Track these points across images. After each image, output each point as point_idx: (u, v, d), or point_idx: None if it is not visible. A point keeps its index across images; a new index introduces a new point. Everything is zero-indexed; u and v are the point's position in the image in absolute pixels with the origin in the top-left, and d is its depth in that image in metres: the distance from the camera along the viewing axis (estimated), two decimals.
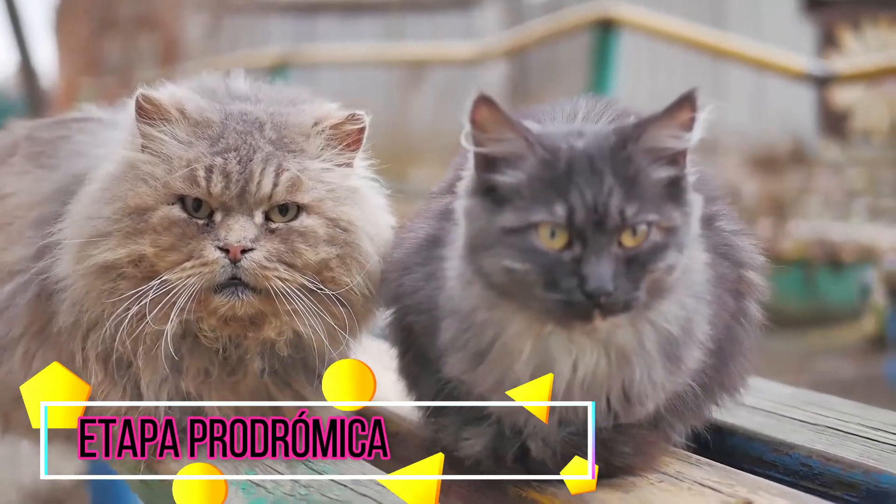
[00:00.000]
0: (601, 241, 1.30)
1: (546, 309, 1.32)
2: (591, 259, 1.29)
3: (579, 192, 1.31)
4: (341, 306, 1.63)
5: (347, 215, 1.64)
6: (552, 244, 1.31)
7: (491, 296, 1.38)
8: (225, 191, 1.56)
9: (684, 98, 1.34)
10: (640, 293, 1.31)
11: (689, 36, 6.69)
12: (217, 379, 1.66)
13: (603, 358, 1.40)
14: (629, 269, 1.31)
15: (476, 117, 1.35)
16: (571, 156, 1.34)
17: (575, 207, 1.30)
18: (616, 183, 1.31)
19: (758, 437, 1.69)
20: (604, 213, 1.30)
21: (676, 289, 1.39)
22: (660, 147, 1.35)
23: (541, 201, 1.32)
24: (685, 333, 1.43)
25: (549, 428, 1.46)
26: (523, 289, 1.33)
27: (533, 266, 1.31)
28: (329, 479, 1.52)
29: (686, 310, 1.42)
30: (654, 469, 1.51)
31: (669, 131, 1.35)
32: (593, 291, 1.28)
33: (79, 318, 1.64)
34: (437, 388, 1.58)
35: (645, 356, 1.41)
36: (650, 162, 1.35)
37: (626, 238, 1.31)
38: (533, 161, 1.35)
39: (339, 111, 1.70)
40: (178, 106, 1.62)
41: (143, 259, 1.57)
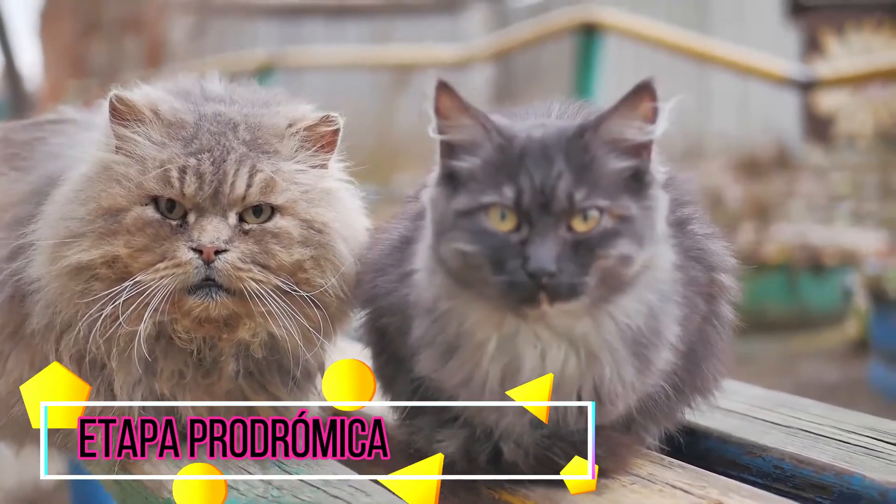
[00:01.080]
0: (547, 223, 1.31)
1: (496, 293, 1.33)
2: (535, 240, 1.31)
3: (528, 175, 1.33)
4: (315, 308, 1.63)
5: (321, 217, 1.64)
6: (502, 226, 1.33)
7: (451, 284, 1.40)
8: (198, 191, 1.56)
9: (640, 87, 1.35)
10: (588, 279, 1.32)
11: (674, 41, 6.70)
12: (191, 381, 1.65)
13: (572, 355, 1.41)
14: (577, 253, 1.31)
15: (439, 105, 1.37)
16: (526, 143, 1.36)
17: (523, 189, 1.32)
18: (567, 168, 1.33)
19: (731, 440, 1.69)
20: (551, 195, 1.31)
21: (637, 284, 1.39)
22: (620, 138, 1.36)
23: (492, 184, 1.34)
24: (652, 333, 1.43)
25: (521, 430, 1.46)
26: (475, 272, 1.34)
27: (482, 248, 1.33)
28: (300, 480, 1.52)
29: (649, 307, 1.43)
30: (625, 471, 1.51)
31: (629, 122, 1.36)
32: (535, 271, 1.29)
33: (52, 320, 1.64)
34: (411, 389, 1.58)
35: (613, 354, 1.41)
36: (608, 152, 1.36)
37: (577, 223, 1.32)
38: (489, 147, 1.37)
39: (314, 113, 1.70)
40: (151, 107, 1.62)
41: (117, 260, 1.57)
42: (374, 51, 11.58)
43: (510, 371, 1.42)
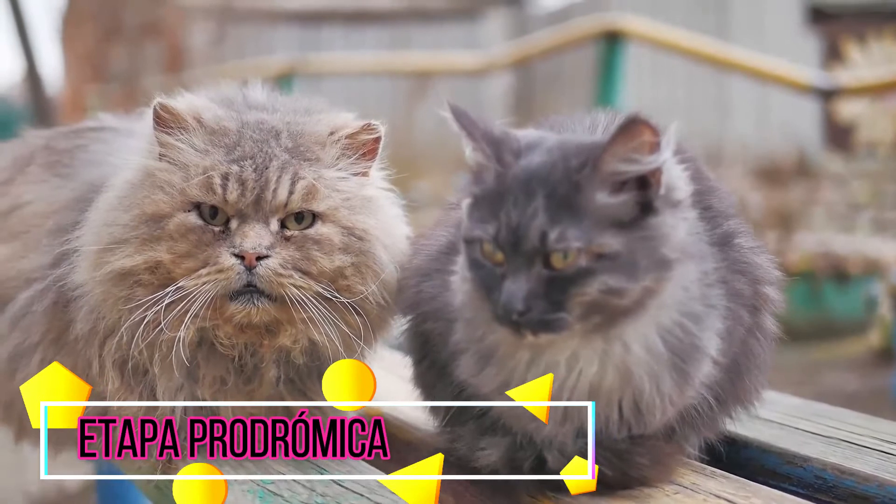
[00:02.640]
0: (519, 262, 1.33)
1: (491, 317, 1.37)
2: (509, 277, 1.33)
3: (507, 212, 1.34)
4: (356, 315, 1.63)
5: (362, 224, 1.64)
6: (494, 258, 1.36)
7: (476, 297, 1.41)
8: (241, 198, 1.57)
9: (629, 122, 1.30)
10: (564, 314, 1.32)
11: (696, 48, 6.70)
12: (233, 387, 1.66)
13: (608, 368, 1.41)
14: (551, 289, 1.32)
15: (459, 127, 1.41)
16: (515, 174, 1.36)
17: (501, 227, 1.34)
18: (545, 206, 1.32)
19: (772, 450, 1.69)
20: (523, 234, 1.32)
21: (649, 308, 1.37)
22: (615, 171, 1.34)
23: (482, 218, 1.37)
24: (690, 349, 1.42)
25: (564, 438, 1.46)
26: (477, 295, 1.39)
27: (475, 276, 1.38)
28: (344, 488, 1.52)
29: (677, 325, 1.41)
30: (669, 480, 1.51)
31: (625, 156, 1.33)
32: (504, 307, 1.32)
33: (96, 325, 1.65)
34: (451, 395, 1.59)
35: (647, 368, 1.41)
36: (603, 188, 1.34)
37: (556, 260, 1.32)
38: (490, 174, 1.39)
39: (355, 121, 1.71)
40: (195, 115, 1.63)
41: (160, 266, 1.58)
42: (394, 57, 11.63)
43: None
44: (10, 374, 1.78)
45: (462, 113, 1.39)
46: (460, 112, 1.39)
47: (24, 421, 1.86)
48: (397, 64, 10.77)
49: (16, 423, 1.91)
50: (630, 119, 1.31)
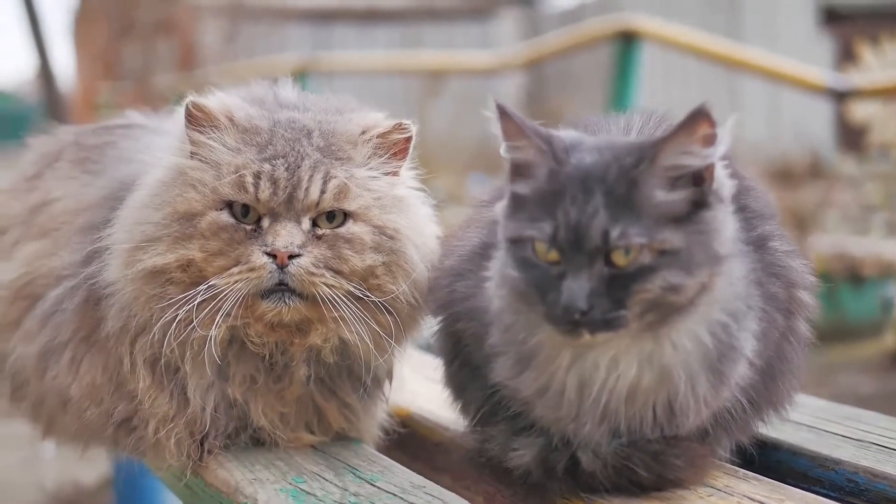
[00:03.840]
0: (580, 261, 1.31)
1: (544, 319, 1.35)
2: (569, 276, 1.32)
3: (565, 210, 1.32)
4: (387, 314, 1.63)
5: (394, 223, 1.64)
6: (547, 257, 1.34)
7: (515, 300, 1.41)
8: (273, 197, 1.57)
9: (696, 113, 1.32)
10: (626, 312, 1.31)
11: (711, 49, 6.68)
12: (263, 386, 1.66)
13: (646, 369, 1.40)
14: (613, 287, 1.31)
15: (503, 126, 1.39)
16: (571, 172, 1.35)
17: (559, 226, 1.32)
18: (605, 203, 1.32)
19: (803, 453, 1.68)
20: (584, 233, 1.31)
21: (700, 306, 1.37)
22: (674, 166, 1.34)
23: (536, 216, 1.35)
24: (727, 349, 1.42)
25: (600, 439, 1.46)
26: (525, 297, 1.37)
27: (527, 277, 1.35)
28: (373, 486, 1.52)
29: (721, 324, 1.41)
30: (703, 483, 1.51)
31: (686, 149, 1.33)
32: (566, 308, 1.30)
33: (127, 323, 1.65)
34: (484, 396, 1.58)
35: (686, 369, 1.41)
36: (664, 182, 1.34)
37: (618, 256, 1.31)
38: (542, 172, 1.38)
39: (386, 120, 1.70)
40: (227, 113, 1.63)
41: (192, 264, 1.58)
42: (407, 56, 11.62)
43: (587, 381, 1.41)
44: (41, 372, 1.78)
45: (511, 111, 1.38)
46: (509, 110, 1.38)
47: (53, 418, 1.86)
48: (410, 63, 10.76)
49: (44, 420, 1.90)
50: (696, 111, 1.31)
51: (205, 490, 1.66)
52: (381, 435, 1.83)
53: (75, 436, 1.85)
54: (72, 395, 1.74)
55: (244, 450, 1.70)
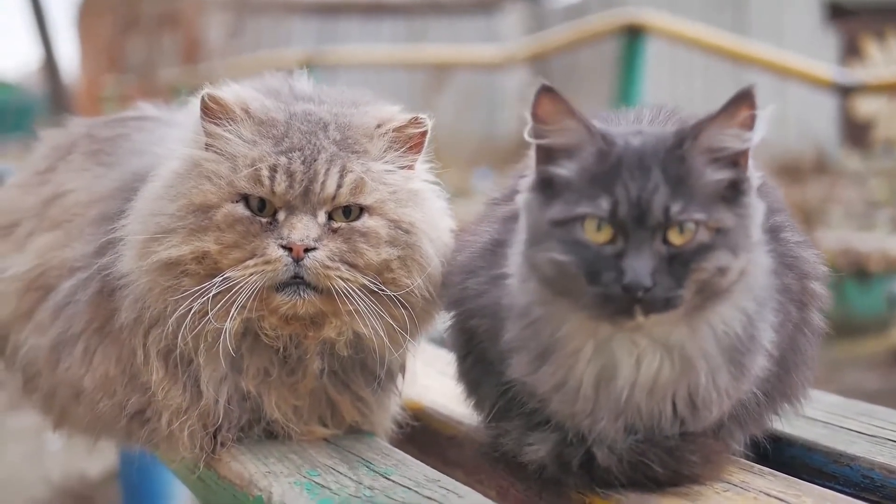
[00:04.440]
0: (642, 237, 1.30)
1: (590, 303, 1.32)
2: (631, 254, 1.30)
3: (624, 186, 1.31)
4: (401, 307, 1.62)
5: (409, 217, 1.64)
6: (597, 238, 1.32)
7: (545, 292, 1.39)
8: (289, 190, 1.56)
9: (741, 96, 1.34)
10: (683, 291, 1.31)
11: (717, 43, 6.67)
12: (276, 378, 1.66)
13: (667, 361, 1.40)
14: (672, 266, 1.31)
15: (538, 109, 1.36)
16: (623, 151, 1.34)
17: (619, 201, 1.31)
18: (663, 180, 1.31)
19: (817, 448, 1.68)
20: (646, 208, 1.30)
21: (735, 292, 1.38)
22: (719, 147, 1.35)
23: (588, 195, 1.33)
24: (749, 339, 1.42)
25: (615, 435, 1.45)
26: (569, 282, 1.34)
27: (576, 259, 1.32)
28: (388, 479, 1.52)
29: (747, 314, 1.42)
30: (719, 478, 1.50)
31: (729, 130, 1.35)
32: (630, 285, 1.28)
33: (141, 315, 1.64)
34: (498, 392, 1.58)
35: (709, 360, 1.40)
36: (707, 162, 1.35)
37: (674, 235, 1.31)
38: (589, 153, 1.36)
39: (402, 114, 1.70)
40: (242, 105, 1.62)
41: (207, 256, 1.57)
42: (413, 50, 11.60)
43: (605, 376, 1.41)
44: (54, 364, 1.78)
45: (559, 92, 1.36)
46: (557, 91, 1.36)
47: (65, 410, 1.86)
48: (416, 57, 10.74)
49: (56, 412, 1.90)
50: (741, 93, 1.32)
51: (218, 482, 1.65)
52: (394, 428, 1.83)
53: (87, 427, 1.85)
54: (85, 387, 1.74)
55: (257, 442, 1.70)
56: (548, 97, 1.36)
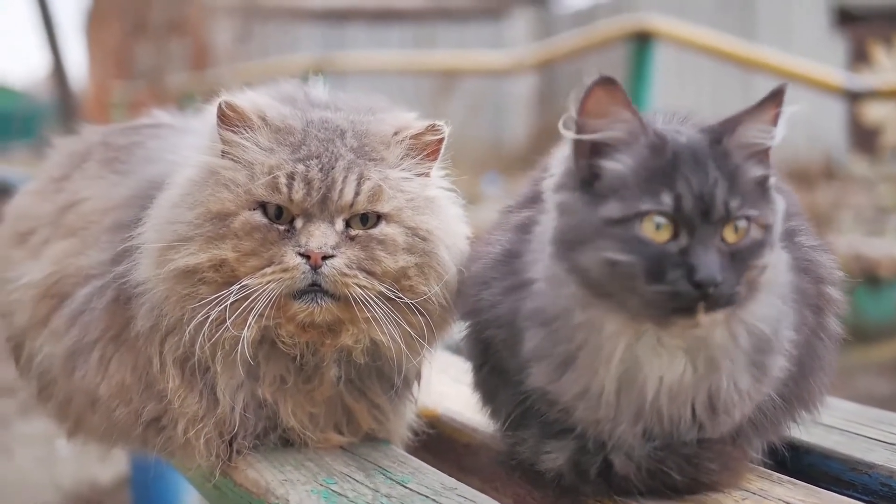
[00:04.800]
0: (708, 232, 1.30)
1: (647, 303, 1.30)
2: (698, 249, 1.29)
3: (686, 181, 1.30)
4: (419, 315, 1.62)
5: (426, 224, 1.63)
6: (657, 235, 1.30)
7: (585, 295, 1.36)
8: (306, 198, 1.56)
9: (775, 93, 1.35)
10: (742, 288, 1.31)
11: (727, 49, 6.66)
12: (293, 386, 1.66)
13: (690, 365, 1.40)
14: (733, 263, 1.31)
15: (589, 102, 1.34)
16: (677, 146, 1.33)
17: (682, 197, 1.30)
18: (720, 175, 1.31)
19: (835, 456, 1.67)
20: (710, 203, 1.30)
21: (765, 288, 1.38)
22: (750, 143, 1.36)
23: (647, 191, 1.31)
24: (773, 338, 1.42)
25: (633, 441, 1.45)
26: (624, 283, 1.31)
27: (637, 257, 1.29)
28: (409, 489, 1.52)
29: (775, 312, 1.42)
30: (737, 486, 1.50)
31: (760, 126, 1.36)
32: (703, 280, 1.27)
33: (157, 323, 1.64)
34: (514, 401, 1.57)
35: (732, 362, 1.40)
36: (744, 158, 1.35)
37: (729, 233, 1.31)
38: (641, 147, 1.34)
39: (419, 121, 1.70)
40: (259, 113, 1.62)
41: (224, 264, 1.57)
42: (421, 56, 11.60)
43: (627, 381, 1.41)
44: (69, 372, 1.78)
45: (616, 83, 1.33)
46: (618, 82, 1.33)
47: (80, 418, 1.86)
48: (424, 63, 10.75)
49: (71, 420, 1.90)
50: (777, 89, 1.35)
51: (234, 490, 1.65)
52: (410, 436, 1.82)
53: (103, 435, 1.85)
54: (100, 395, 1.73)
55: (273, 450, 1.69)
56: (604, 89, 1.33)
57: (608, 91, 1.33)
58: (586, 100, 1.34)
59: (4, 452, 4.60)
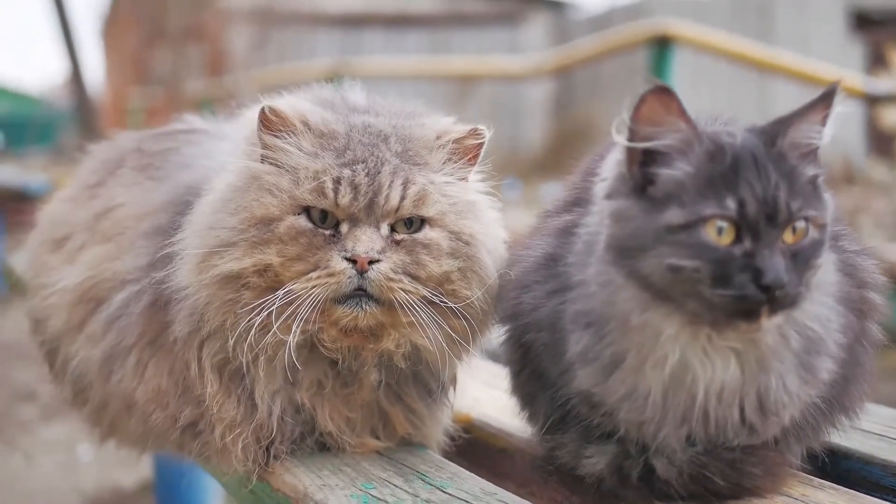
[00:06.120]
0: (772, 235, 1.30)
1: (710, 307, 1.30)
2: (763, 253, 1.29)
3: (748, 185, 1.30)
4: (461, 319, 1.61)
5: (469, 228, 1.63)
6: (721, 240, 1.30)
7: (645, 298, 1.36)
8: (353, 202, 1.56)
9: (828, 93, 1.35)
10: (804, 289, 1.31)
11: (745, 53, 6.66)
12: (330, 391, 1.66)
13: (739, 365, 1.39)
14: (794, 264, 1.31)
15: (643, 110, 1.33)
16: (736, 150, 1.33)
17: (746, 201, 1.29)
18: (779, 177, 1.31)
19: (874, 461, 1.66)
20: (774, 206, 1.30)
21: (818, 288, 1.38)
22: (803, 143, 1.36)
23: (709, 195, 1.31)
24: (821, 339, 1.42)
25: (676, 444, 1.44)
26: (687, 288, 1.31)
27: (702, 262, 1.29)
28: (448, 494, 1.51)
29: (826, 310, 1.42)
30: (780, 491, 1.49)
31: (812, 126, 1.36)
32: (771, 283, 1.27)
33: (196, 328, 1.64)
34: (553, 405, 1.57)
35: (782, 363, 1.40)
36: (798, 158, 1.35)
37: (787, 234, 1.31)
38: (699, 154, 1.34)
39: (461, 125, 1.70)
40: (301, 118, 1.62)
41: (269, 269, 1.56)
42: (438, 61, 11.60)
43: (675, 383, 1.40)
44: (105, 376, 1.78)
45: (671, 91, 1.33)
46: (673, 90, 1.33)
47: (116, 422, 1.86)
48: (441, 68, 10.76)
49: (106, 424, 1.91)
50: (833, 87, 1.34)
51: (271, 495, 1.65)
52: (446, 441, 1.82)
53: (138, 440, 1.85)
54: (137, 399, 1.74)
55: (309, 455, 1.70)
56: (658, 97, 1.33)
57: (662, 100, 1.33)
58: (640, 108, 1.33)
59: (27, 458, 4.61)
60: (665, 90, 1.33)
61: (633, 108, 1.34)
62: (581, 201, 1.56)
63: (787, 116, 1.36)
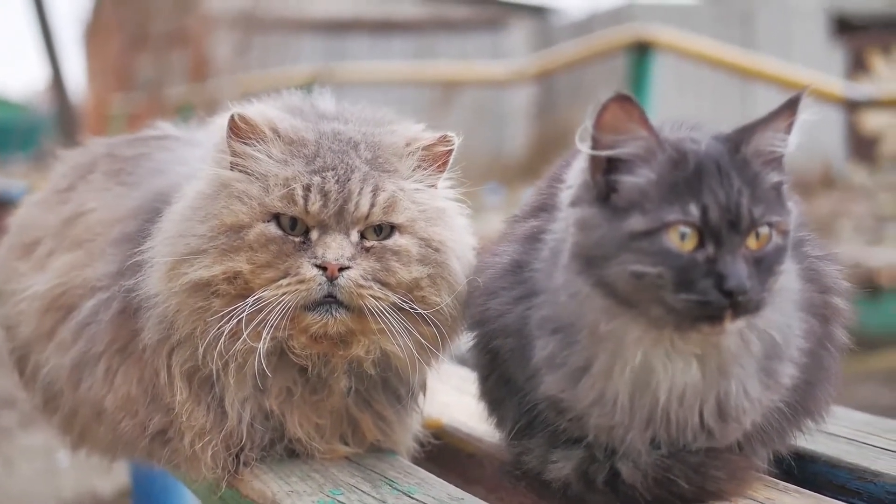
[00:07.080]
0: (735, 241, 1.31)
1: (673, 312, 1.31)
2: (726, 259, 1.30)
3: (711, 191, 1.31)
4: (431, 325, 1.62)
5: (439, 235, 1.64)
6: (684, 245, 1.31)
7: (611, 306, 1.37)
8: (323, 209, 1.56)
9: (792, 101, 1.37)
10: (767, 294, 1.32)
11: (726, 59, 6.68)
12: (299, 397, 1.66)
13: (700, 369, 1.40)
14: (757, 269, 1.32)
15: (605, 118, 1.34)
16: (699, 157, 1.34)
17: (709, 207, 1.31)
18: (742, 184, 1.32)
19: (841, 465, 1.67)
20: (736, 212, 1.31)
21: (778, 295, 1.39)
22: (767, 150, 1.37)
23: (672, 202, 1.32)
24: (784, 344, 1.44)
25: (642, 447, 1.45)
26: (650, 294, 1.32)
27: (665, 268, 1.30)
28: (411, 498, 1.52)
29: (786, 317, 1.43)
30: (744, 495, 1.50)
31: (775, 133, 1.37)
32: (733, 289, 1.28)
33: (166, 335, 1.64)
34: (521, 410, 1.57)
35: (743, 367, 1.41)
36: (762, 165, 1.36)
37: (751, 240, 1.32)
38: (661, 161, 1.35)
39: (430, 132, 1.70)
40: (270, 125, 1.62)
41: (238, 276, 1.56)
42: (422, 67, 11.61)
43: (640, 386, 1.41)
44: (75, 384, 1.78)
45: (633, 99, 1.34)
46: (635, 99, 1.34)
47: (86, 430, 1.86)
48: (425, 73, 10.76)
49: (76, 432, 1.90)
50: (795, 97, 1.36)
51: (240, 502, 1.65)
52: (415, 447, 1.82)
53: (108, 447, 1.85)
54: (106, 407, 1.73)
55: (279, 461, 1.70)
56: (620, 105, 1.34)
57: (624, 108, 1.34)
58: (602, 116, 1.34)
59: (6, 464, 4.59)
60: (626, 98, 1.34)
61: (596, 116, 1.34)
62: (547, 206, 1.57)
63: (751, 124, 1.37)
